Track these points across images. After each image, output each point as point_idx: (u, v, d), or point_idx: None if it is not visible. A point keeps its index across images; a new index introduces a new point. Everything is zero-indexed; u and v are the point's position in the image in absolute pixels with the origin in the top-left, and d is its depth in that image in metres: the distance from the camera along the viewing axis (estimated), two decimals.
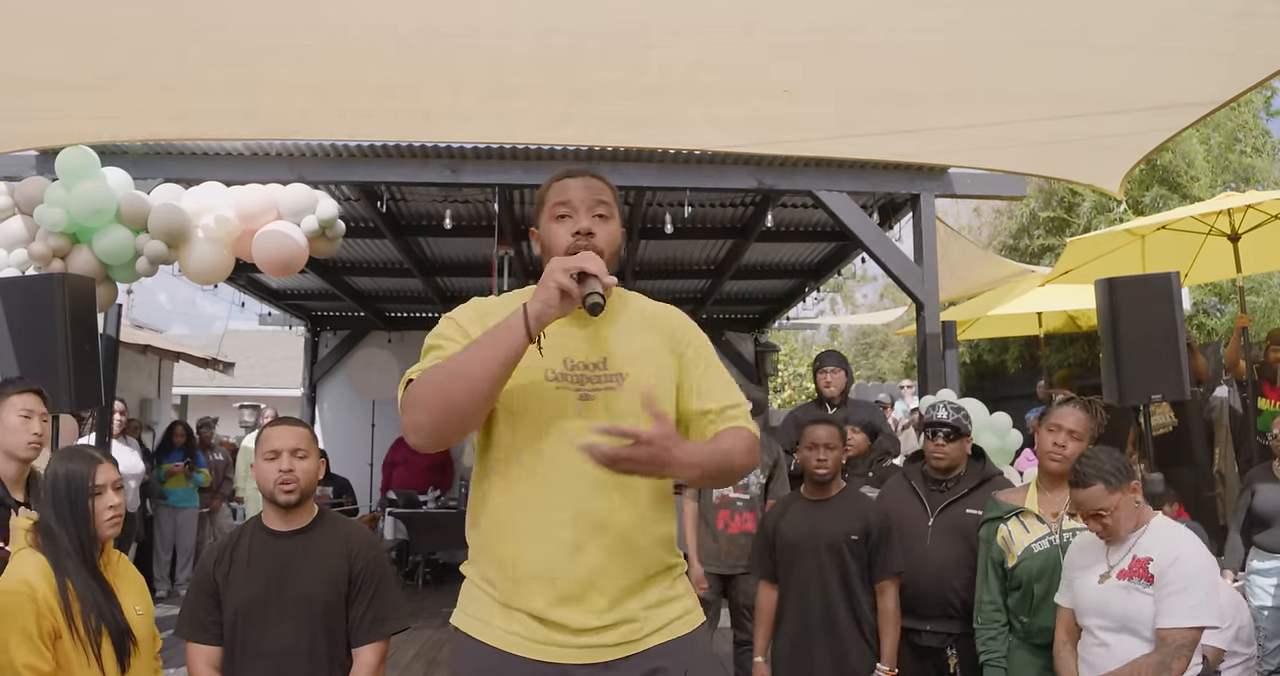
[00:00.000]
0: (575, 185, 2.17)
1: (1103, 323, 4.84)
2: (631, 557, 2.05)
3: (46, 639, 2.60)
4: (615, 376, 2.08)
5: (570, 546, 2.00)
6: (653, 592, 2.09)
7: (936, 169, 6.62)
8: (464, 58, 3.65)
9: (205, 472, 9.69)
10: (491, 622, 2.05)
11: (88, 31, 3.46)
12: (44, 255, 5.13)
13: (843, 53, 3.60)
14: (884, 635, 3.76)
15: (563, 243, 2.12)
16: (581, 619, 2.00)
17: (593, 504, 2.01)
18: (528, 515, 2.03)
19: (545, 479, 2.02)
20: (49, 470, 2.84)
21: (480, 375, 1.91)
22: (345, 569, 2.89)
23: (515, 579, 2.02)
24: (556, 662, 1.99)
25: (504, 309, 2.09)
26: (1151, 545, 3.05)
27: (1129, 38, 3.48)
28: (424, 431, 1.94)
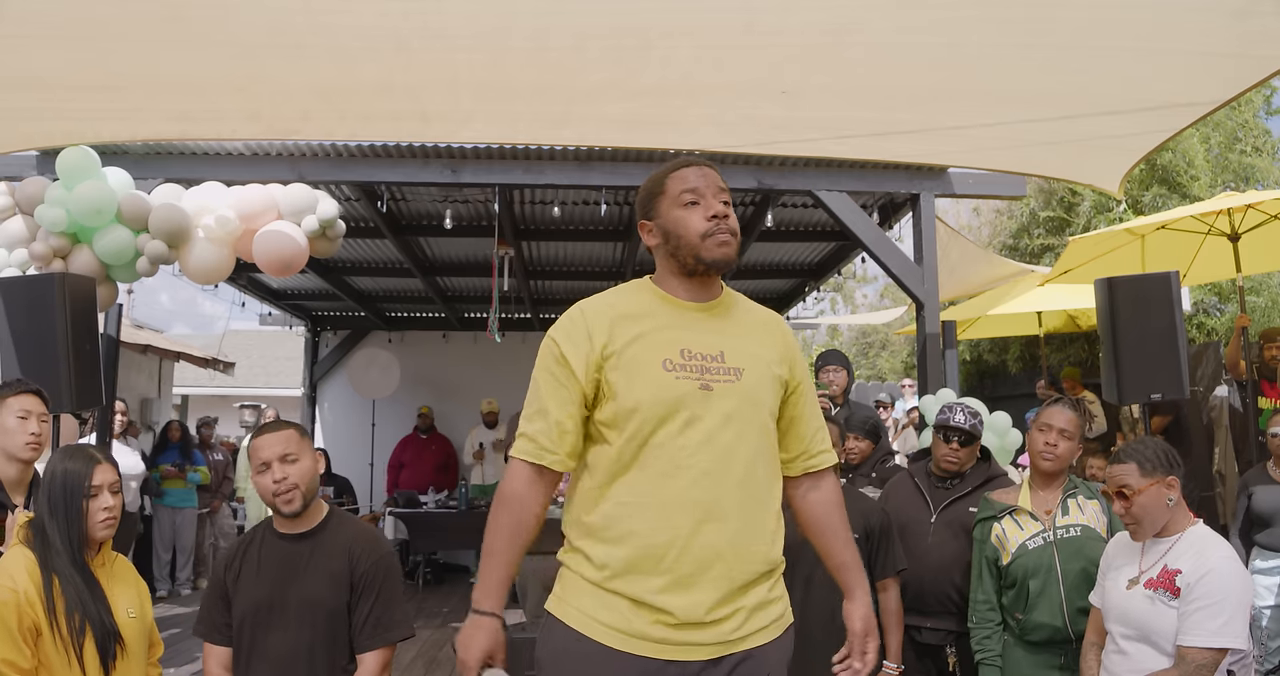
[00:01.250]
0: (697, 173, 2.22)
1: (1102, 322, 4.84)
2: (745, 549, 2.10)
3: (27, 635, 2.57)
4: (734, 370, 2.15)
5: (686, 532, 2.04)
6: (758, 592, 2.14)
7: (936, 169, 6.61)
8: (464, 58, 3.65)
9: (203, 471, 9.68)
10: (590, 612, 2.08)
11: (88, 32, 3.46)
12: (44, 255, 5.13)
13: (842, 53, 3.61)
14: (888, 633, 3.76)
15: (697, 227, 2.17)
16: (686, 609, 2.03)
17: (711, 493, 2.06)
18: (646, 499, 2.07)
19: (664, 464, 2.07)
20: (48, 467, 2.82)
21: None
22: (347, 573, 2.85)
23: (630, 559, 2.05)
24: (649, 657, 2.03)
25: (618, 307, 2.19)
26: (1184, 556, 2.95)
27: (1128, 38, 3.49)
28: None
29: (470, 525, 9.35)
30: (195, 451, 9.76)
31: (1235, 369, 6.67)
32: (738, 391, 2.13)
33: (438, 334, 12.56)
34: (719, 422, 2.09)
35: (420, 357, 12.18)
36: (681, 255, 2.19)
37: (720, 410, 2.10)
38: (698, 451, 2.06)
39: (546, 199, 7.64)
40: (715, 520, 2.06)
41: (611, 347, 2.11)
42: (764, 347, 2.24)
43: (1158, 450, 3.05)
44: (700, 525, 2.05)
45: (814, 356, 6.06)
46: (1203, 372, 8.77)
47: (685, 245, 2.18)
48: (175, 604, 9.02)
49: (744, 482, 2.11)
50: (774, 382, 2.22)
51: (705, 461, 2.07)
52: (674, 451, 2.07)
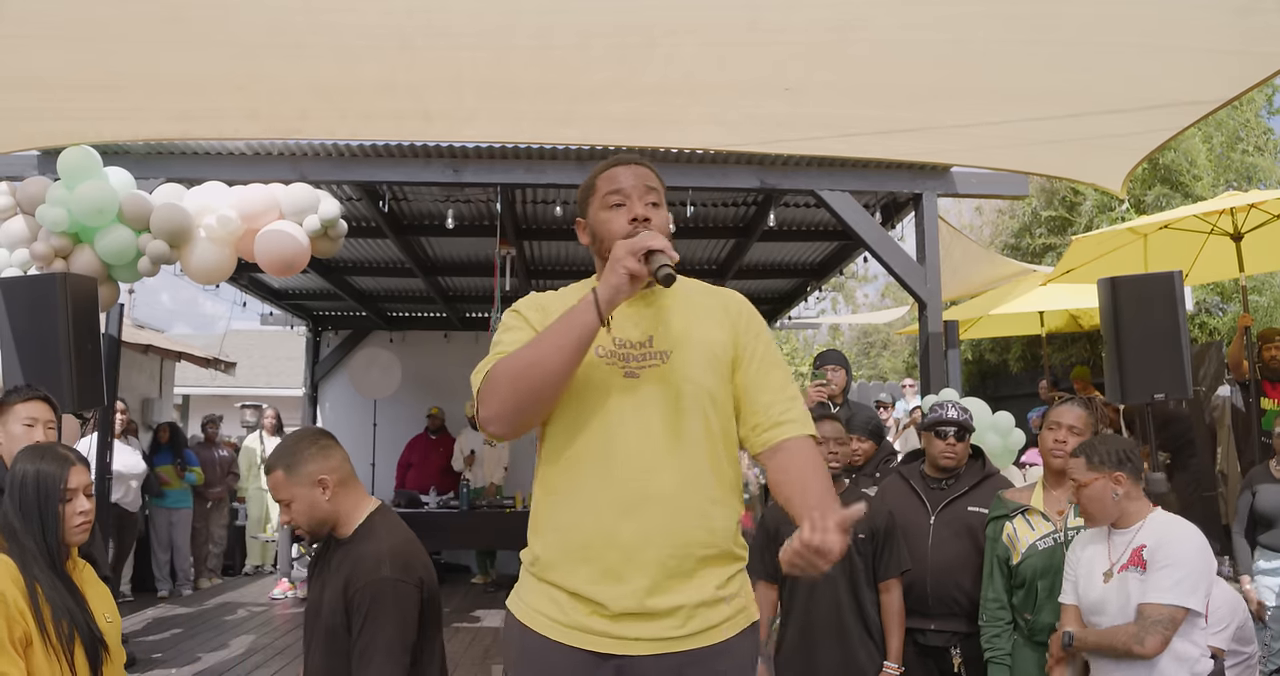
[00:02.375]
0: (626, 173, 2.18)
1: (1105, 322, 4.84)
2: (678, 536, 2.01)
3: (18, 645, 2.46)
4: (660, 353, 2.10)
5: (610, 519, 2.00)
6: (704, 583, 2.04)
7: (939, 168, 6.61)
8: (467, 56, 3.65)
9: (197, 471, 9.69)
10: (534, 605, 2.08)
11: (88, 32, 3.46)
12: (46, 255, 5.13)
13: (846, 50, 3.60)
14: (890, 633, 3.75)
15: (620, 230, 2.12)
16: (619, 600, 1.98)
17: (637, 480, 2.02)
18: (574, 490, 2.06)
19: (590, 454, 2.05)
20: (16, 466, 2.68)
21: (555, 361, 1.96)
22: (342, 593, 2.67)
23: (561, 550, 2.04)
24: (586, 649, 2.00)
25: (560, 300, 2.17)
26: (1147, 534, 3.10)
27: (1133, 35, 3.48)
28: (504, 419, 1.99)
29: (471, 525, 9.34)
30: (188, 451, 9.77)
31: (1238, 369, 6.66)
32: (663, 375, 2.08)
33: (439, 334, 12.56)
34: (645, 408, 2.05)
35: (422, 358, 12.17)
36: (606, 257, 2.11)
37: (648, 395, 2.06)
38: (626, 438, 2.03)
39: (548, 198, 7.63)
40: (644, 507, 2.00)
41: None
42: (702, 328, 2.16)
43: (1112, 448, 3.16)
44: (628, 513, 2.00)
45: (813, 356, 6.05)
46: (1205, 372, 8.77)
47: (608, 248, 2.09)
48: (177, 604, 9.01)
49: (678, 466, 2.04)
50: (711, 361, 2.13)
51: (634, 447, 2.02)
52: (599, 440, 2.04)
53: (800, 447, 2.11)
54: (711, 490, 2.08)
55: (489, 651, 6.96)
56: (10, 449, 3.34)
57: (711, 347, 2.14)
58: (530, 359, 1.97)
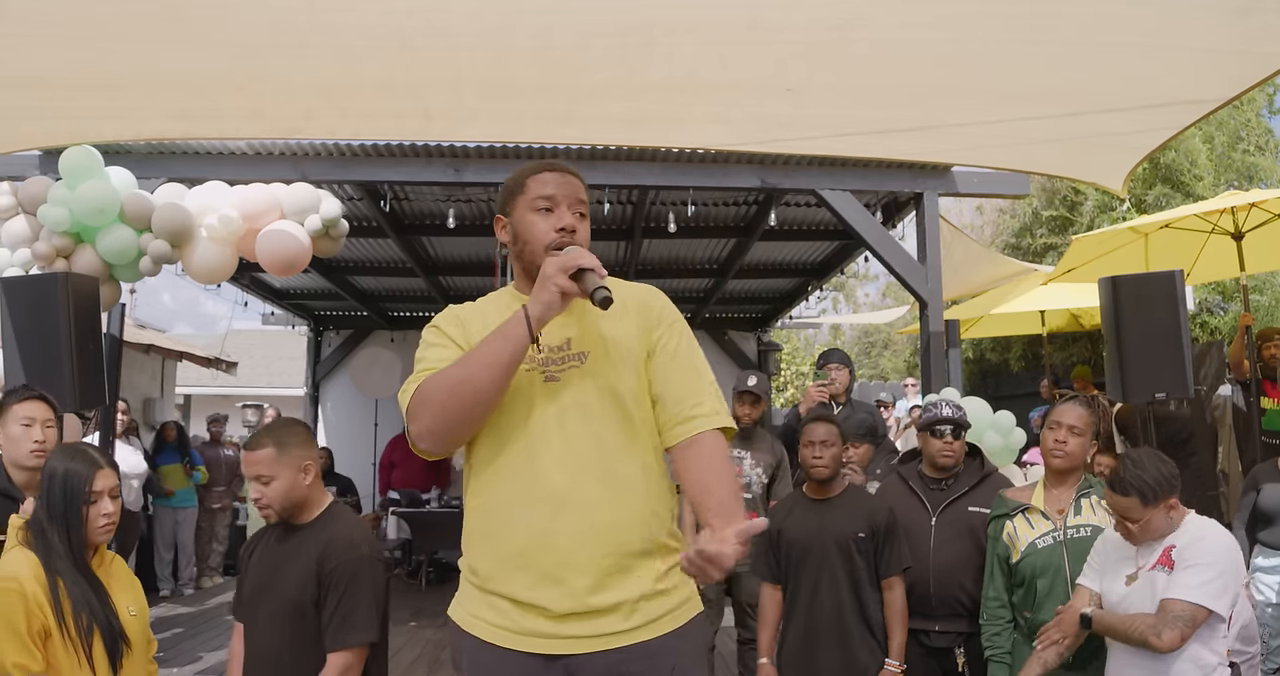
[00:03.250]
0: (557, 180, 2.17)
1: (1106, 321, 4.84)
2: (612, 534, 2.02)
3: (36, 638, 2.55)
4: (579, 355, 2.10)
5: (545, 523, 2.00)
6: (643, 577, 2.04)
7: (940, 167, 6.61)
8: (467, 56, 3.65)
9: (202, 470, 9.70)
10: (478, 613, 2.07)
11: (91, 31, 3.46)
12: (48, 255, 5.13)
13: (846, 50, 3.60)
14: (892, 631, 3.76)
15: (544, 237, 2.13)
16: (560, 601, 1.98)
17: (566, 482, 2.01)
18: (502, 497, 2.05)
19: (515, 460, 2.05)
20: (48, 465, 2.80)
21: (486, 379, 1.97)
22: (315, 569, 2.84)
23: (496, 559, 2.04)
24: (534, 653, 2.00)
25: (479, 313, 2.17)
26: (1179, 536, 3.05)
27: (1133, 35, 3.48)
28: (435, 436, 2.00)
29: None
30: (193, 451, 9.78)
31: (1239, 368, 6.66)
32: (582, 375, 2.08)
33: None
34: (568, 410, 2.05)
35: None
36: (525, 259, 2.18)
37: (567, 398, 2.06)
38: (548, 442, 2.03)
39: None
40: (573, 509, 2.00)
41: (470, 340, 2.11)
42: (617, 326, 2.14)
43: (1157, 475, 3.06)
44: (557, 516, 1.99)
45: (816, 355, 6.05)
46: (1206, 372, 8.77)
47: (530, 251, 2.15)
48: (178, 603, 9.03)
49: (603, 465, 2.04)
50: (628, 358, 2.13)
51: (557, 449, 2.02)
52: (524, 447, 2.04)
53: (708, 444, 2.10)
54: (639, 486, 2.08)
55: None
56: (10, 450, 3.35)
57: (627, 343, 2.14)
58: (460, 376, 1.97)
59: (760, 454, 5.22)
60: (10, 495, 3.33)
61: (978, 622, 3.69)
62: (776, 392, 20.60)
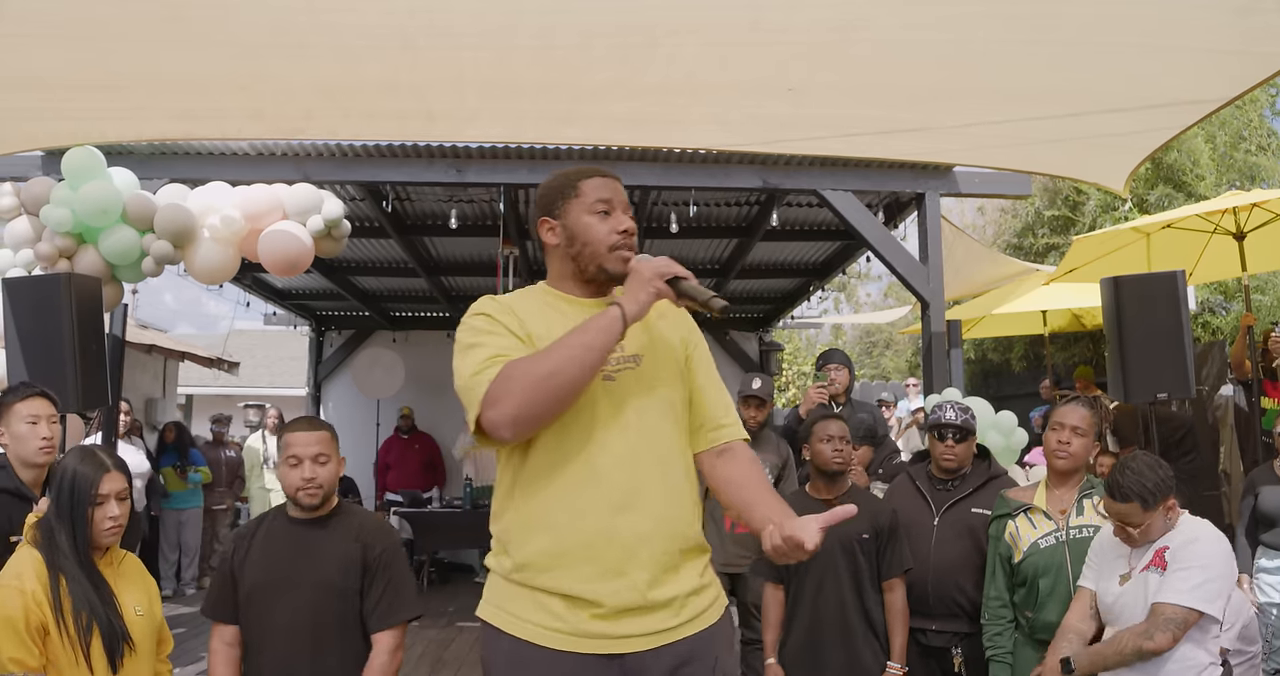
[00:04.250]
0: (611, 185, 2.25)
1: (1108, 321, 4.84)
2: (668, 527, 2.10)
3: (34, 634, 2.57)
4: (633, 357, 2.18)
5: (609, 518, 2.05)
6: (689, 574, 2.13)
7: (941, 168, 6.60)
8: (469, 56, 3.65)
9: (204, 470, 9.70)
10: (520, 613, 2.06)
11: (89, 32, 3.47)
12: (50, 255, 5.14)
13: (848, 50, 3.61)
14: (893, 633, 3.76)
15: (607, 238, 2.20)
16: (620, 595, 2.02)
17: (627, 478, 2.08)
18: (563, 491, 2.07)
19: (576, 456, 2.08)
20: (60, 464, 2.82)
21: (578, 372, 2.01)
22: (359, 556, 2.96)
23: (556, 553, 2.04)
24: (590, 654, 2.01)
25: (525, 307, 2.20)
26: (1172, 537, 3.07)
27: (1133, 35, 3.48)
28: (521, 423, 2.00)
29: (475, 524, 9.32)
30: (193, 451, 9.77)
31: (1240, 368, 6.65)
32: (638, 377, 2.17)
33: (442, 334, 12.51)
34: (627, 410, 2.12)
35: (424, 358, 12.17)
36: (583, 261, 2.22)
37: (625, 397, 2.13)
38: (610, 439, 2.09)
39: None
40: (636, 505, 2.07)
41: (528, 333, 2.13)
42: (660, 332, 2.26)
43: (1155, 478, 3.07)
44: (622, 511, 2.05)
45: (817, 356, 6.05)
46: (1208, 372, 8.76)
47: (590, 253, 2.20)
48: (180, 603, 9.03)
49: (658, 464, 2.13)
50: (674, 365, 2.25)
51: (618, 448, 2.09)
52: (588, 441, 2.08)
53: (745, 451, 2.28)
54: (685, 486, 2.19)
55: None
56: (17, 448, 3.36)
57: (672, 351, 2.26)
58: (552, 367, 1.99)
59: (767, 454, 5.22)
60: (21, 494, 3.34)
61: (975, 623, 3.69)
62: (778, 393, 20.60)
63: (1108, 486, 3.12)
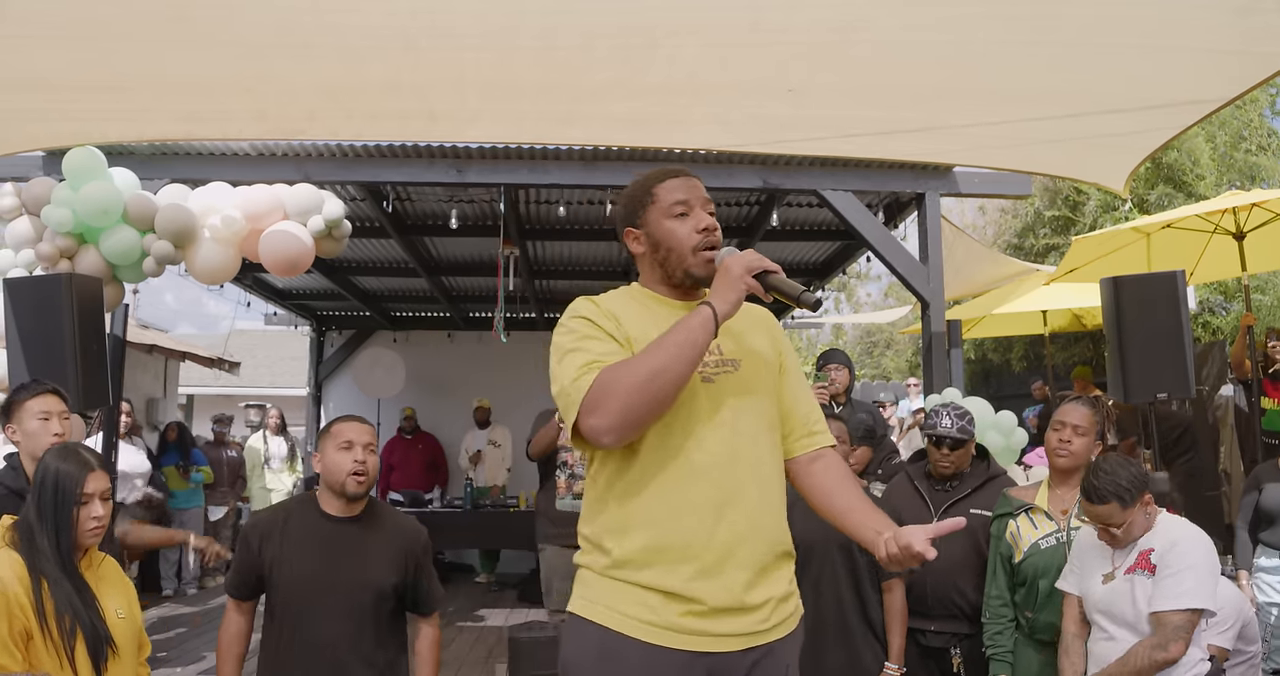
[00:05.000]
0: (685, 185, 2.25)
1: (1108, 321, 4.84)
2: (764, 529, 2.12)
3: (17, 639, 2.50)
4: (731, 361, 2.19)
5: (708, 516, 2.05)
6: (780, 578, 2.15)
7: (942, 168, 6.61)
8: (471, 57, 3.66)
9: (206, 470, 9.70)
10: (618, 607, 2.06)
11: (92, 32, 3.47)
12: (51, 255, 5.14)
13: (848, 51, 3.61)
14: (891, 633, 3.76)
15: (689, 239, 2.20)
16: (718, 595, 2.03)
17: (728, 478, 2.09)
18: (666, 488, 2.07)
19: (678, 454, 2.08)
20: (40, 464, 2.75)
21: (678, 372, 2.00)
22: (402, 556, 3.12)
23: (657, 549, 2.05)
24: (684, 650, 2.02)
25: (621, 306, 2.21)
26: (1155, 539, 3.09)
27: (1133, 35, 3.49)
28: (625, 427, 2.00)
29: (475, 524, 9.34)
30: (195, 451, 9.78)
31: (1240, 368, 6.66)
32: (737, 380, 2.18)
33: (443, 333, 12.57)
34: (725, 411, 2.13)
35: (425, 357, 12.19)
36: (670, 266, 2.23)
37: (724, 399, 2.14)
38: (710, 439, 2.09)
39: (551, 198, 7.64)
40: (734, 505, 2.08)
41: (626, 336, 2.14)
42: (755, 339, 2.27)
43: (1128, 475, 3.09)
44: (722, 510, 2.06)
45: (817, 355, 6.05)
46: (1208, 372, 8.77)
47: (675, 257, 2.21)
48: (181, 603, 9.04)
49: (755, 466, 2.14)
50: (769, 370, 2.27)
51: (718, 448, 2.10)
52: (688, 441, 2.09)
53: (838, 459, 2.33)
54: (778, 490, 2.21)
55: (492, 651, 6.98)
56: (29, 446, 3.35)
57: (766, 358, 2.27)
58: (653, 369, 1.98)
59: None
60: (23, 494, 3.33)
61: (974, 624, 3.69)
62: None
63: (1084, 491, 3.13)
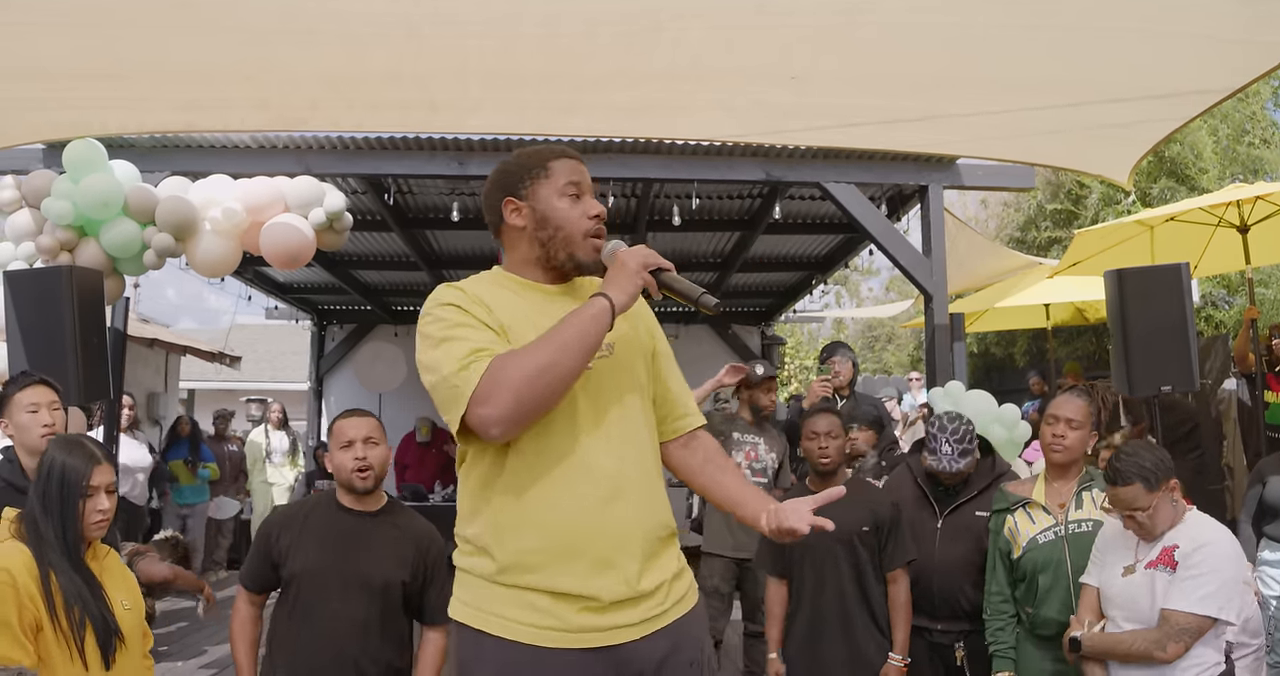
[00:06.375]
0: (580, 168, 2.18)
1: (1111, 314, 4.82)
2: (651, 517, 2.09)
3: (28, 631, 2.51)
4: (607, 346, 2.10)
5: (596, 512, 2.00)
6: (669, 559, 2.12)
7: (944, 160, 6.60)
8: (474, 44, 3.64)
9: (212, 467, 9.69)
10: (503, 613, 1.99)
11: (95, 18, 3.45)
12: (51, 248, 5.13)
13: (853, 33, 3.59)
14: (895, 625, 3.75)
15: (581, 223, 2.13)
16: (613, 588, 1.98)
17: (612, 467, 2.04)
18: (552, 486, 2.00)
19: (562, 446, 2.01)
20: (45, 456, 2.74)
21: (572, 365, 1.94)
22: (413, 557, 3.12)
23: (543, 550, 1.97)
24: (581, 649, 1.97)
25: (489, 292, 2.12)
26: (1181, 535, 3.03)
27: (1134, 20, 3.46)
28: (514, 420, 1.92)
29: None
30: (203, 446, 9.78)
31: (1243, 362, 6.64)
32: (612, 366, 2.11)
33: None
34: (605, 399, 2.08)
35: None
36: (554, 246, 2.13)
37: (603, 386, 2.08)
38: (591, 429, 2.04)
39: None
40: (622, 494, 2.03)
41: (499, 323, 2.05)
42: (629, 322, 2.18)
43: (1154, 459, 3.06)
44: (609, 504, 2.01)
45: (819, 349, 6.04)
46: (1211, 366, 8.75)
47: (563, 239, 2.12)
48: (182, 597, 9.02)
49: (638, 452, 2.11)
50: (643, 354, 2.22)
51: (601, 438, 2.04)
52: (569, 432, 2.02)
53: (710, 440, 2.34)
54: (658, 472, 2.18)
55: None
56: (21, 439, 3.34)
57: (641, 340, 2.23)
58: (546, 361, 1.91)
59: (771, 441, 5.22)
60: (19, 488, 3.32)
61: (979, 623, 3.68)
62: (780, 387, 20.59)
63: (1108, 476, 3.09)
